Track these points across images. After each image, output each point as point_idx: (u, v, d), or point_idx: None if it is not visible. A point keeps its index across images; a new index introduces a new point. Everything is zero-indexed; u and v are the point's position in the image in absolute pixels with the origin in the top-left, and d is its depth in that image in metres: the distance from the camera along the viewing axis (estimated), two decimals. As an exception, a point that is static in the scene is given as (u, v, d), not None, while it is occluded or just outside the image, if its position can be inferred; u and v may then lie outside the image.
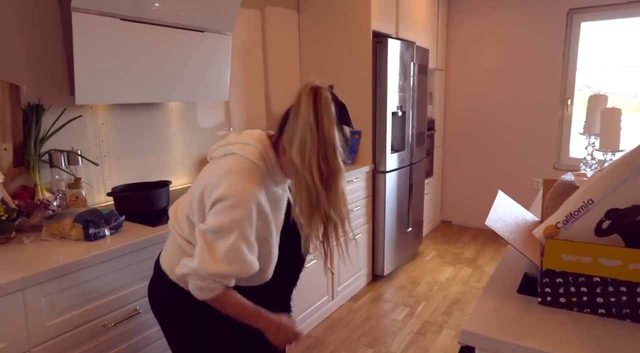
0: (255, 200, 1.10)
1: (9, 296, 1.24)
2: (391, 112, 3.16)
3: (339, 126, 1.10)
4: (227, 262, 1.06)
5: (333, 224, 1.15)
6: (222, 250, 1.06)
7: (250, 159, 1.14)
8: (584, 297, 0.93)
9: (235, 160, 1.15)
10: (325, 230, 1.16)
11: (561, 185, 1.28)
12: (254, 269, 1.13)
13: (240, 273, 1.10)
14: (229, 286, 1.12)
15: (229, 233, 1.06)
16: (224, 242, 1.06)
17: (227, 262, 1.06)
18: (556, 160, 4.12)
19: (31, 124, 1.77)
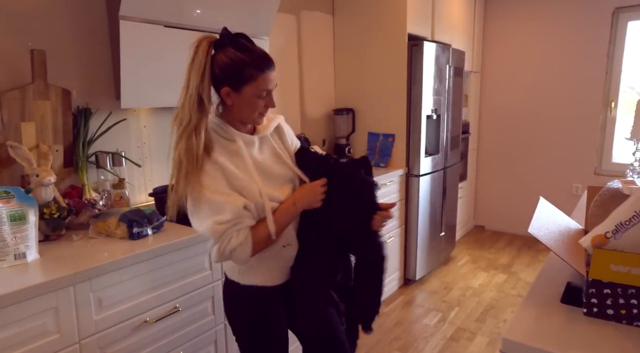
0: (206, 167, 1.17)
1: (61, 290, 1.31)
2: (426, 115, 3.13)
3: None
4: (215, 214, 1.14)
5: None
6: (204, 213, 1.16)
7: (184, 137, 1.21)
8: (634, 310, 0.90)
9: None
10: None
11: (607, 192, 1.25)
12: (242, 201, 1.17)
13: (235, 211, 1.15)
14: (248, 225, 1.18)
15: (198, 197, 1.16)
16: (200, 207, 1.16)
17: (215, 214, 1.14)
18: (597, 166, 3.98)
19: (80, 126, 1.86)
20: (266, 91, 1.21)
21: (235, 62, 1.15)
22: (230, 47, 1.16)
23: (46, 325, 1.28)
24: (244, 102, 1.20)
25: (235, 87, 1.18)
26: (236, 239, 1.15)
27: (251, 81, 1.17)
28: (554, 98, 4.10)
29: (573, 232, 1.22)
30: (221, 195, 1.16)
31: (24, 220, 1.42)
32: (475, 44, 4.20)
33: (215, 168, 1.17)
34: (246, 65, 1.16)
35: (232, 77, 1.17)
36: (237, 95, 1.19)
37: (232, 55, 1.15)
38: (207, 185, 1.15)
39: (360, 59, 3.22)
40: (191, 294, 1.71)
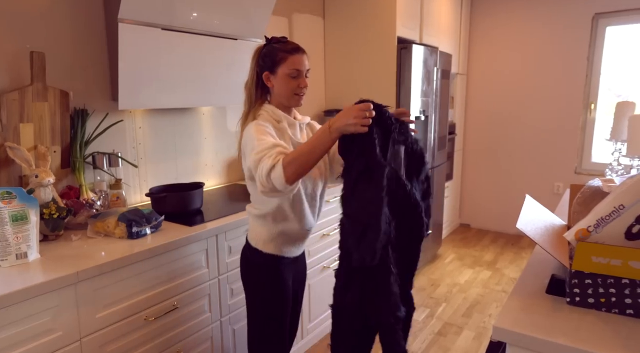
0: (256, 123, 1.39)
1: (64, 288, 1.33)
2: (414, 117, 3.20)
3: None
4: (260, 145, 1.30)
5: None
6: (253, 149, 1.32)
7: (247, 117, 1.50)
8: (612, 298, 0.97)
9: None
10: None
11: (589, 190, 1.33)
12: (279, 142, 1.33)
13: (270, 145, 1.29)
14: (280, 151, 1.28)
15: (251, 144, 1.34)
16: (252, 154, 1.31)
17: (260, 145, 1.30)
18: (578, 165, 4.11)
19: (77, 127, 1.88)
20: (297, 71, 1.44)
21: (270, 50, 1.45)
22: (269, 43, 1.47)
23: (49, 323, 1.31)
24: (281, 82, 1.45)
25: (272, 70, 1.44)
26: (268, 161, 1.25)
27: (283, 62, 1.43)
28: (536, 100, 4.23)
29: (557, 227, 1.30)
30: (265, 135, 1.34)
31: (25, 220, 1.44)
32: (461, 47, 4.30)
33: (264, 123, 1.40)
34: (278, 51, 1.43)
35: (269, 62, 1.44)
36: (274, 77, 1.45)
37: (270, 47, 1.46)
38: (256, 130, 1.36)
39: (351, 61, 3.28)
40: (189, 292, 1.75)
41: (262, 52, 1.46)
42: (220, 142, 2.65)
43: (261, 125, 1.39)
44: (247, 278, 1.59)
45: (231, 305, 1.95)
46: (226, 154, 2.69)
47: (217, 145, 2.63)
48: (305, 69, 1.47)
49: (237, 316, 1.99)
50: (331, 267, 2.61)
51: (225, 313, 1.92)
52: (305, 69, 1.47)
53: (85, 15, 1.92)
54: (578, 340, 0.92)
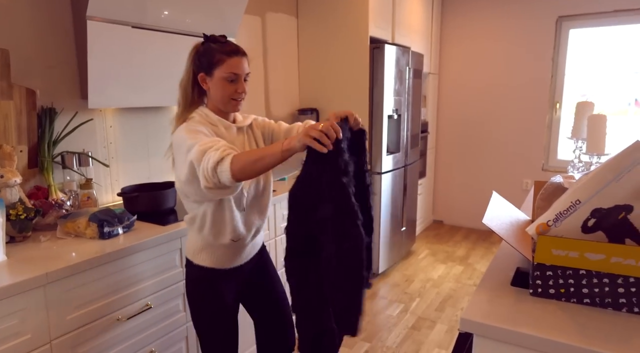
0: (187, 126, 1.33)
1: (32, 291, 1.31)
2: (387, 115, 3.26)
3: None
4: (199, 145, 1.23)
5: None
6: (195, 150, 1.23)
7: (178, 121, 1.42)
8: (571, 288, 1.03)
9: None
10: None
11: (551, 186, 1.39)
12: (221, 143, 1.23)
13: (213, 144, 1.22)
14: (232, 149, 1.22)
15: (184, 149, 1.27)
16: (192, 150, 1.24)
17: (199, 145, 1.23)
18: (545, 162, 4.26)
19: (45, 127, 1.83)
20: (234, 75, 1.35)
21: (207, 50, 1.35)
22: (207, 42, 1.37)
23: (17, 326, 1.28)
24: (217, 85, 1.36)
25: (208, 71, 1.35)
26: (215, 154, 1.17)
27: (220, 64, 1.33)
28: (505, 99, 4.35)
29: (522, 222, 1.36)
30: (198, 134, 1.28)
31: (-9, 222, 1.40)
32: (432, 47, 4.38)
33: (196, 126, 1.33)
34: (216, 52, 1.34)
35: (205, 63, 1.35)
36: (210, 79, 1.36)
37: (207, 46, 1.36)
38: (187, 131, 1.30)
39: (324, 61, 3.30)
40: (163, 291, 1.73)
41: (199, 51, 1.37)
42: (194, 141, 2.62)
43: (192, 127, 1.31)
44: (186, 293, 1.54)
45: (206, 305, 1.94)
46: (200, 153, 2.67)
47: (191, 144, 2.60)
48: (244, 73, 1.37)
49: (212, 315, 1.98)
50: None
51: (200, 312, 1.91)
52: (244, 73, 1.37)
53: (51, 11, 1.87)
54: (540, 328, 0.96)
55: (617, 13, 3.74)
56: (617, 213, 0.97)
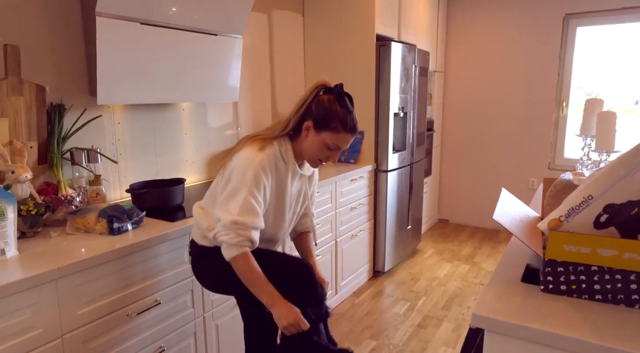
0: (261, 164, 1.35)
1: (44, 285, 1.32)
2: (393, 113, 3.25)
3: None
4: (241, 213, 1.31)
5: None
6: (235, 206, 1.32)
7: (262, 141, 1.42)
8: (582, 285, 1.02)
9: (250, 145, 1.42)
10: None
11: (560, 183, 1.38)
12: (259, 222, 1.36)
13: (255, 224, 1.33)
14: (252, 244, 1.35)
15: (238, 191, 1.33)
16: (235, 200, 1.33)
17: (241, 214, 1.31)
18: (551, 161, 4.24)
19: (54, 123, 1.85)
20: (337, 147, 1.39)
21: (331, 111, 1.35)
22: (334, 96, 1.37)
23: (29, 320, 1.30)
24: (316, 142, 1.38)
25: (317, 127, 1.37)
26: (233, 239, 1.32)
27: (332, 131, 1.36)
28: (511, 97, 4.34)
29: (531, 219, 1.35)
30: (257, 197, 1.34)
31: (2, 217, 1.41)
32: (438, 45, 4.38)
33: (265, 174, 1.36)
34: (337, 119, 1.35)
35: (321, 118, 1.36)
36: (314, 133, 1.38)
37: (333, 104, 1.36)
38: (254, 178, 1.33)
39: (330, 58, 3.30)
40: (171, 288, 1.74)
41: (322, 102, 1.36)
42: (201, 139, 2.64)
43: (261, 175, 1.34)
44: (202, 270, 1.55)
45: (214, 301, 1.95)
46: (207, 150, 2.68)
47: (198, 142, 2.62)
48: (345, 148, 1.42)
49: (220, 311, 1.99)
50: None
51: (209, 308, 1.92)
52: (345, 148, 1.42)
53: (61, 8, 1.88)
54: (551, 324, 0.96)
55: (626, 10, 3.72)
56: (630, 208, 0.96)
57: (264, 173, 1.35)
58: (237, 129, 2.89)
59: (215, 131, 2.74)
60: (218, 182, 1.47)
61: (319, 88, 1.37)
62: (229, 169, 1.40)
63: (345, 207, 2.95)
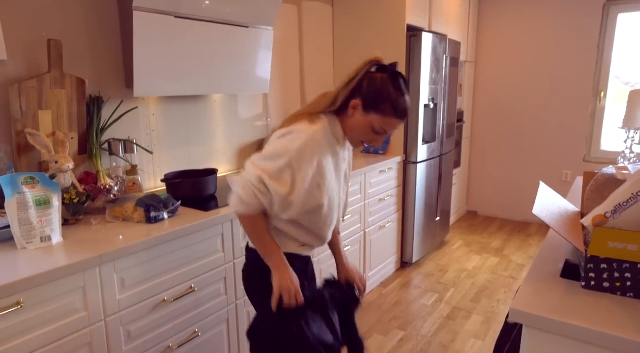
0: (313, 137, 1.23)
1: (88, 271, 1.37)
2: (423, 105, 3.21)
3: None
4: (272, 176, 1.21)
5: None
6: (270, 167, 1.22)
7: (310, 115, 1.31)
8: (628, 282, 1.00)
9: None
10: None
11: (602, 178, 1.35)
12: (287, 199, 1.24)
13: (279, 192, 1.22)
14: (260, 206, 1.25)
15: (279, 157, 1.22)
16: (273, 163, 1.22)
17: (272, 177, 1.21)
18: (586, 153, 4.11)
19: (93, 114, 1.90)
20: (384, 131, 1.29)
21: (383, 92, 1.24)
22: (389, 76, 1.26)
23: (74, 303, 1.35)
24: (362, 123, 1.27)
25: (366, 107, 1.26)
26: (248, 197, 1.23)
27: (381, 114, 1.25)
28: (545, 88, 4.21)
29: (571, 213, 1.32)
30: (290, 178, 1.23)
31: (48, 205, 1.47)
32: (470, 35, 4.28)
33: (314, 148, 1.24)
34: (389, 101, 1.24)
35: (371, 98, 1.25)
36: (362, 113, 1.27)
37: (386, 85, 1.25)
38: (298, 157, 1.22)
39: (360, 49, 3.27)
40: (205, 275, 1.79)
41: (374, 80, 1.25)
42: (232, 130, 2.67)
43: (310, 148, 1.22)
44: (255, 286, 1.43)
45: (246, 289, 1.99)
46: (238, 141, 2.72)
47: (229, 133, 2.65)
48: (391, 132, 1.31)
49: (252, 300, 2.03)
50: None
51: (241, 296, 1.96)
52: (391, 132, 1.31)
53: (99, 3, 1.93)
54: (594, 322, 0.95)
55: (670, -4, 3.54)
56: (680, 205, 0.93)
57: (314, 145, 1.23)
58: (267, 120, 2.91)
59: (246, 122, 2.76)
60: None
61: (371, 64, 1.26)
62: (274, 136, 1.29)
63: (374, 198, 2.94)
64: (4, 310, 1.19)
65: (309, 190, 1.25)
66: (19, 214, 1.40)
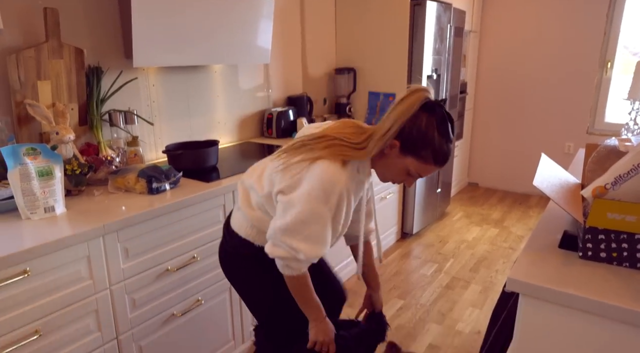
0: (347, 186, 1.15)
1: (92, 240, 1.39)
2: (426, 76, 3.17)
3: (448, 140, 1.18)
4: (313, 243, 1.15)
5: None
6: (311, 234, 1.15)
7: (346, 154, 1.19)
8: (624, 253, 1.01)
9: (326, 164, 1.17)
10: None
11: (604, 149, 1.34)
12: (326, 251, 1.21)
13: (319, 256, 1.18)
14: (306, 267, 1.22)
15: (319, 218, 1.14)
16: (313, 227, 1.14)
17: (313, 243, 1.15)
18: (590, 125, 4.08)
19: (93, 85, 1.88)
20: (418, 175, 1.22)
21: (427, 137, 1.14)
22: (436, 120, 1.14)
23: (80, 272, 1.38)
24: (397, 165, 1.20)
25: (404, 150, 1.17)
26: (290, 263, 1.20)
27: (419, 160, 1.17)
28: (550, 58, 4.14)
29: (571, 185, 1.33)
30: (334, 231, 1.20)
31: (51, 176, 1.48)
32: (475, 3, 4.17)
33: (348, 197, 1.17)
34: (431, 148, 1.15)
35: (412, 142, 1.15)
36: (398, 155, 1.18)
37: (431, 130, 1.14)
38: (338, 204, 1.15)
39: (362, 18, 3.20)
40: (208, 245, 1.81)
41: (419, 125, 1.13)
42: (233, 101, 2.65)
43: (345, 198, 1.15)
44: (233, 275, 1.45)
45: (248, 259, 2.02)
46: (239, 112, 2.70)
47: (230, 104, 2.63)
48: (425, 176, 1.24)
49: (254, 269, 2.06)
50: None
51: (243, 266, 1.99)
52: (425, 176, 1.24)
53: (96, -32, 1.88)
54: (590, 291, 0.96)
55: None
56: (681, 177, 0.93)
57: (347, 195, 1.16)
58: (268, 91, 2.88)
59: (247, 93, 2.74)
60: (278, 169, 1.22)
61: (418, 103, 1.13)
62: (306, 176, 1.16)
63: (375, 170, 2.94)
64: (12, 278, 1.21)
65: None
66: (21, 185, 1.41)
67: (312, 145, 1.20)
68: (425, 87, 1.15)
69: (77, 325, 1.40)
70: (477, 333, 2.29)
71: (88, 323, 1.43)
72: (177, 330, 1.74)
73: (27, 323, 1.27)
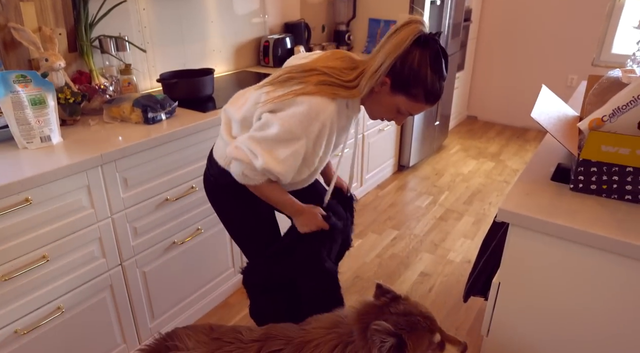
0: (331, 118, 1.13)
1: (91, 170, 1.41)
2: (430, 1, 3.01)
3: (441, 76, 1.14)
4: (284, 163, 1.14)
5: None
6: (283, 153, 1.12)
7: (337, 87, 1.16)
8: (614, 185, 1.03)
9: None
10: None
11: (607, 81, 1.32)
12: (297, 177, 1.25)
13: (287, 179, 1.18)
14: (263, 180, 1.21)
15: (296, 140, 1.11)
16: (287, 147, 1.12)
17: (284, 164, 1.14)
18: (596, 56, 3.96)
19: (80, 8, 1.79)
20: (409, 113, 1.19)
21: (419, 75, 1.09)
22: (430, 56, 1.08)
23: (81, 201, 1.41)
24: (387, 102, 1.17)
25: (395, 87, 1.13)
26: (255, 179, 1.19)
27: (410, 98, 1.13)
28: (563, -17, 3.91)
29: (570, 118, 1.32)
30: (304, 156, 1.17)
31: (44, 105, 1.46)
32: None
33: (330, 128, 1.15)
34: (422, 86, 1.10)
35: (403, 80, 1.11)
36: (388, 92, 1.15)
37: (424, 67, 1.09)
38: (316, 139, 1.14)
39: None
40: (206, 176, 1.83)
41: (412, 63, 1.08)
42: (228, 27, 2.54)
43: (327, 129, 1.13)
44: (217, 205, 1.44)
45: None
46: (234, 39, 2.60)
47: (225, 30, 2.52)
48: (416, 114, 1.22)
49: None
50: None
51: (241, 196, 2.03)
52: (416, 114, 1.22)
53: None
54: (577, 221, 0.99)
55: None
56: (680, 110, 0.92)
57: (331, 126, 1.14)
58: (264, 16, 2.75)
59: (242, 19, 2.62)
60: (260, 102, 1.19)
61: (414, 35, 1.06)
62: (292, 103, 1.12)
63: (373, 101, 2.90)
64: (15, 207, 1.24)
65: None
66: (15, 113, 1.39)
67: (300, 79, 1.15)
68: (419, 19, 1.08)
69: (83, 252, 1.45)
70: (467, 262, 2.39)
71: (93, 250, 1.48)
72: (179, 257, 1.81)
73: (35, 249, 1.32)
